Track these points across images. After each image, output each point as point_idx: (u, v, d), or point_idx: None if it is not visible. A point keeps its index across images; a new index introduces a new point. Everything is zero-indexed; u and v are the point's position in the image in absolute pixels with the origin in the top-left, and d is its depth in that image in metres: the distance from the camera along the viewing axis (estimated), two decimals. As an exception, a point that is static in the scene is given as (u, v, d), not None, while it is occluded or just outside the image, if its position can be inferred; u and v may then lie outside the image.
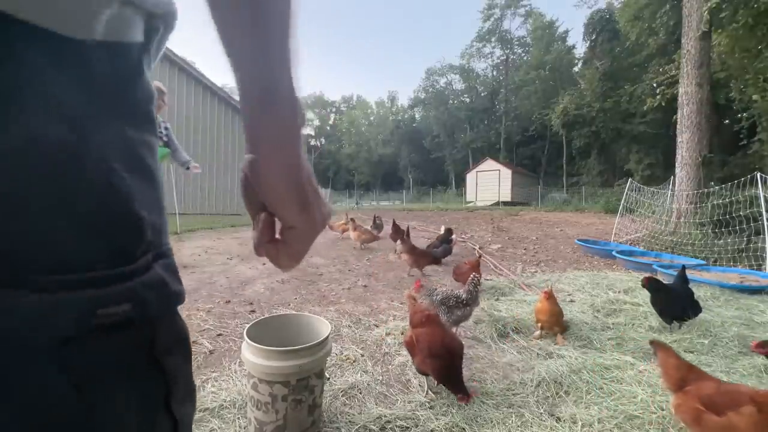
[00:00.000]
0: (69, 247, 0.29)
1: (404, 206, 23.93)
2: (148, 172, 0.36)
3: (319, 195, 0.40)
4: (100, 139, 0.31)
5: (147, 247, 0.35)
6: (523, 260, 5.39)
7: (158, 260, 0.36)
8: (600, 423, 1.50)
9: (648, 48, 18.73)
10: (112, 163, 0.31)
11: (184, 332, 0.40)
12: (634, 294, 3.41)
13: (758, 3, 7.09)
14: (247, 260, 4.96)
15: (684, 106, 7.18)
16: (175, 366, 0.37)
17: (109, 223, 0.31)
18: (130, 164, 0.33)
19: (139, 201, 0.33)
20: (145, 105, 0.37)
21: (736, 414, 1.17)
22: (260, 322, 1.60)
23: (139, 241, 0.34)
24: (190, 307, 2.94)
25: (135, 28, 0.34)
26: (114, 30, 0.31)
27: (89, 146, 0.30)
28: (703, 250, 5.54)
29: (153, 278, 0.35)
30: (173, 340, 0.38)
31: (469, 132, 37.51)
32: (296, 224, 0.38)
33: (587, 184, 22.38)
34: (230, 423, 1.47)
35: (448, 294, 2.35)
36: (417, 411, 1.58)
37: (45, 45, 0.27)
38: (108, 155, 0.31)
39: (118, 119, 0.33)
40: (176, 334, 0.39)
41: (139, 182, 0.34)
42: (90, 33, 0.29)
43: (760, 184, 4.90)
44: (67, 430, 0.30)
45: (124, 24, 0.32)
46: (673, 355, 1.45)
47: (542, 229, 9.60)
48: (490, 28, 36.81)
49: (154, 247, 0.36)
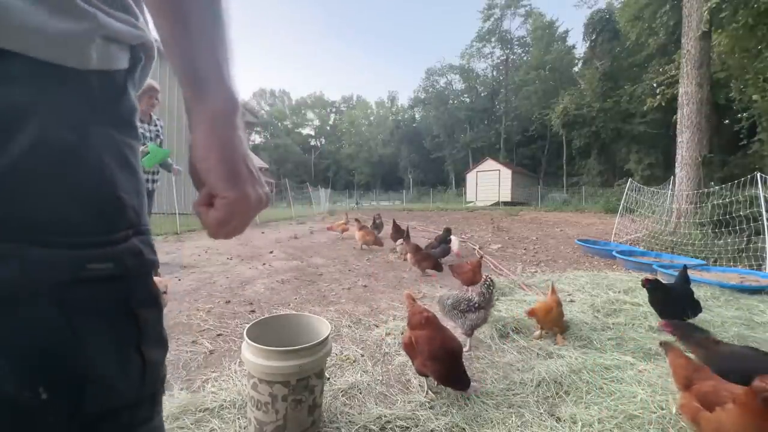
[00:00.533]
0: (69, 217, 0.40)
1: (404, 206, 23.94)
2: (130, 166, 0.47)
3: (255, 176, 0.48)
4: (95, 140, 0.42)
5: (128, 224, 0.45)
6: (523, 260, 5.39)
7: (137, 235, 0.47)
8: (600, 423, 1.49)
9: (648, 48, 18.72)
10: (103, 159, 0.42)
11: (155, 293, 0.50)
12: (634, 294, 3.41)
13: (758, 3, 7.08)
14: (247, 260, 4.96)
15: (684, 106, 7.18)
16: (146, 317, 0.47)
17: (100, 202, 0.42)
18: (117, 160, 0.44)
19: (122, 188, 0.44)
20: (129, 116, 0.48)
21: (722, 410, 1.19)
22: (260, 322, 1.60)
23: (122, 217, 0.44)
24: (190, 307, 2.94)
25: (120, 58, 0.45)
26: (104, 61, 0.42)
27: (87, 145, 0.41)
28: (703, 250, 5.54)
29: (132, 247, 0.45)
30: (145, 297, 0.48)
31: (469, 132, 37.51)
32: (225, 194, 0.45)
33: (587, 184, 22.38)
34: (230, 423, 1.47)
35: (459, 298, 2.28)
36: (417, 411, 1.58)
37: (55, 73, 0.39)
38: (101, 152, 0.42)
39: (108, 126, 0.44)
40: (149, 294, 0.48)
41: (123, 174, 0.45)
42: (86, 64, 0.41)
43: (760, 184, 4.90)
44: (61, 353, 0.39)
45: (111, 56, 0.44)
46: (681, 356, 1.47)
47: (542, 229, 9.61)
48: (490, 28, 36.82)
49: (134, 225, 0.46)
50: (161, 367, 0.52)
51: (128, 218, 0.45)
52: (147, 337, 0.47)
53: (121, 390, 0.44)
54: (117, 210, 0.44)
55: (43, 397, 0.38)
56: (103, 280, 0.42)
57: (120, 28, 0.44)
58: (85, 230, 0.41)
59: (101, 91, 0.43)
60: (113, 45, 0.44)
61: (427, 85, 42.68)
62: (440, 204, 24.84)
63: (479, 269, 3.38)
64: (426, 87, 42.73)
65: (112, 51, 0.44)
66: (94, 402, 0.42)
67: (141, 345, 0.46)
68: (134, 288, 0.46)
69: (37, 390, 0.38)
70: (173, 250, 5.62)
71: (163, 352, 0.52)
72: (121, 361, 0.44)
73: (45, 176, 0.38)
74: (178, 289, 3.45)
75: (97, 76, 0.42)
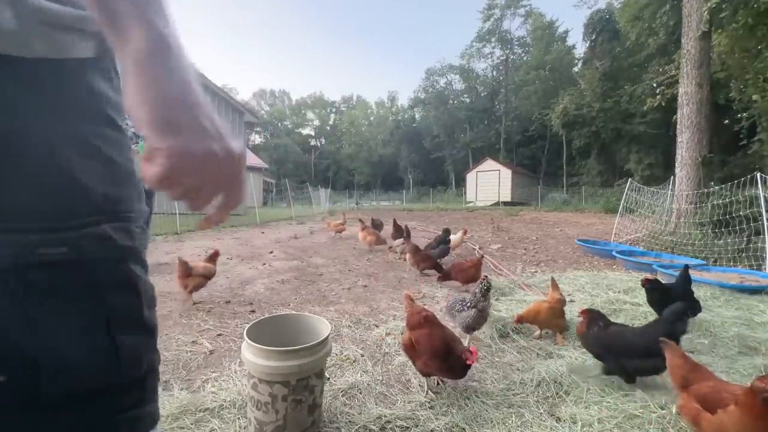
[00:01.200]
0: (16, 203, 0.40)
1: (404, 206, 23.94)
2: (103, 155, 0.47)
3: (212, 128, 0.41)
4: (44, 129, 0.42)
5: (95, 209, 0.46)
6: (523, 260, 5.39)
7: (111, 222, 0.47)
8: (600, 423, 1.49)
9: (648, 48, 18.70)
10: (55, 147, 0.42)
11: (132, 277, 0.50)
12: (634, 294, 3.41)
13: (758, 3, 7.07)
14: (247, 260, 4.96)
15: (684, 106, 7.18)
16: (118, 302, 0.48)
17: (53, 189, 0.42)
18: (79, 148, 0.44)
19: (88, 175, 0.44)
20: (97, 104, 0.47)
21: (724, 412, 1.19)
22: (260, 322, 1.60)
23: (84, 204, 0.45)
24: (190, 308, 2.94)
25: (76, 46, 0.44)
26: (52, 49, 0.42)
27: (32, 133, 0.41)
28: (703, 250, 5.54)
29: (98, 233, 0.46)
30: (117, 281, 0.48)
31: (469, 132, 37.50)
32: (159, 145, 0.38)
33: (587, 184, 22.37)
34: (230, 423, 1.47)
35: (456, 299, 2.34)
36: (417, 411, 1.58)
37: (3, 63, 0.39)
38: (54, 142, 0.42)
39: (66, 115, 0.44)
40: (122, 278, 0.49)
41: (91, 162, 0.45)
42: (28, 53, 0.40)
43: (760, 184, 4.90)
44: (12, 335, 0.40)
45: (61, 44, 0.43)
46: (679, 355, 1.46)
47: (542, 229, 9.61)
48: (490, 28, 36.81)
49: (104, 212, 0.47)
50: (145, 354, 0.52)
51: (95, 204, 0.45)
52: (118, 321, 0.47)
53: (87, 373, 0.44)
54: (77, 197, 0.44)
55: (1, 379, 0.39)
56: (60, 264, 0.42)
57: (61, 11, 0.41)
58: (36, 216, 0.41)
59: (53, 80, 0.43)
60: (64, 33, 0.42)
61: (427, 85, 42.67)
62: (440, 204, 24.84)
63: (479, 268, 3.38)
64: (426, 87, 42.73)
65: (64, 39, 0.42)
66: (54, 383, 0.42)
67: (111, 329, 0.46)
68: (100, 272, 0.46)
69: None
70: (173, 250, 5.62)
71: (144, 338, 0.52)
72: (84, 344, 0.44)
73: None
74: (178, 289, 3.45)
75: (46, 64, 0.42)
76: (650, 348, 1.69)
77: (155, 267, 4.34)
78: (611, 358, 1.81)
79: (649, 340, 1.72)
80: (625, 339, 1.81)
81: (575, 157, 25.11)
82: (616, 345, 1.81)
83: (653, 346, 1.67)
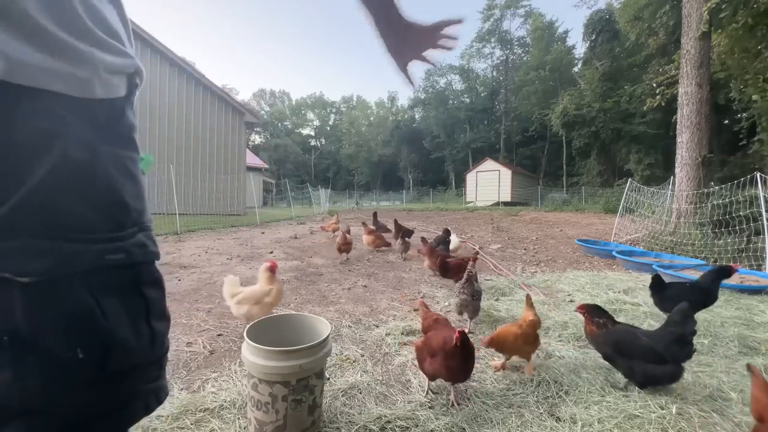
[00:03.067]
0: (88, 219, 0.51)
1: (404, 206, 23.92)
2: (131, 175, 0.58)
3: None
4: (103, 157, 0.53)
5: (133, 222, 0.57)
6: (523, 260, 5.39)
7: (141, 231, 0.59)
8: (600, 423, 1.50)
9: (648, 48, 18.71)
10: (110, 171, 0.54)
11: (159, 277, 0.63)
12: (634, 294, 3.42)
13: (758, 3, 7.08)
14: (247, 260, 4.96)
15: (684, 107, 7.18)
16: (152, 296, 0.60)
17: (110, 206, 0.54)
18: (121, 171, 0.56)
19: (127, 194, 0.56)
20: (128, 133, 0.59)
21: None
22: (260, 323, 1.60)
23: (128, 217, 0.56)
24: (191, 308, 2.94)
25: (119, 86, 0.57)
26: (106, 91, 0.54)
27: (98, 161, 0.52)
28: (703, 250, 5.54)
29: (138, 241, 0.58)
30: (151, 280, 0.60)
31: (469, 132, 37.51)
32: None
33: (587, 184, 22.35)
34: (230, 423, 1.47)
35: None
36: (417, 411, 1.58)
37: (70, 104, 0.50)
38: (108, 166, 0.53)
39: (113, 144, 0.55)
40: (153, 277, 0.61)
41: (127, 182, 0.56)
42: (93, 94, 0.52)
43: (759, 184, 4.90)
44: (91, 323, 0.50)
45: (112, 86, 0.55)
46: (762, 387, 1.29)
47: (542, 229, 9.60)
48: (490, 28, 36.81)
49: (137, 223, 0.58)
50: (165, 338, 0.64)
51: (133, 218, 0.57)
52: (154, 311, 0.59)
53: (135, 353, 0.56)
54: (124, 212, 0.56)
55: (80, 356, 0.49)
56: (118, 267, 0.54)
57: (115, 61, 0.55)
58: (101, 228, 0.52)
59: (106, 116, 0.54)
60: (114, 77, 0.55)
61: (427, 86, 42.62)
62: (440, 204, 24.83)
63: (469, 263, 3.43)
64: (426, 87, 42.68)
65: (113, 82, 0.55)
66: (115, 361, 0.53)
67: (149, 318, 0.58)
68: (142, 273, 0.58)
69: (75, 351, 0.49)
70: (173, 250, 5.62)
71: (166, 324, 0.64)
72: (135, 330, 0.55)
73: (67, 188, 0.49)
74: (178, 290, 3.45)
75: (101, 104, 0.53)
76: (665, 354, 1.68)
77: (155, 267, 4.34)
78: (623, 362, 1.75)
79: (664, 345, 1.69)
80: (640, 343, 1.73)
81: (575, 157, 25.10)
82: (629, 348, 1.74)
83: (669, 351, 1.68)
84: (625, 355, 1.74)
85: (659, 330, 1.81)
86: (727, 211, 5.56)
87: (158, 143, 11.85)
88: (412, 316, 2.82)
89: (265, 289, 2.32)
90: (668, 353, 1.68)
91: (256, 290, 2.33)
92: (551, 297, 3.37)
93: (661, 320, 2.57)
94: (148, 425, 1.43)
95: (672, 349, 1.69)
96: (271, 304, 2.33)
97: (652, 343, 1.71)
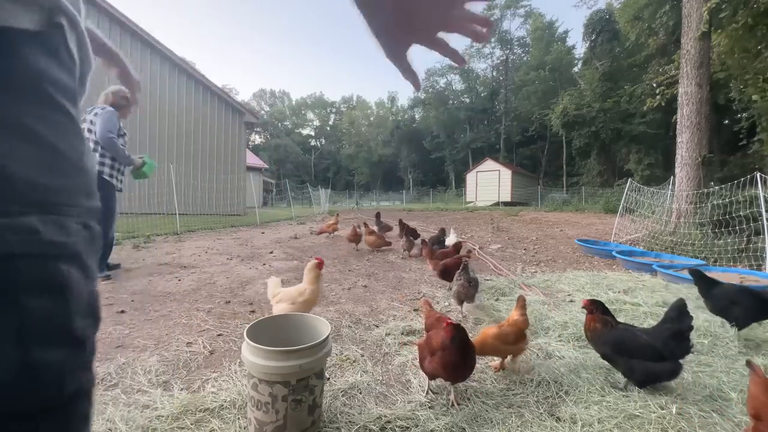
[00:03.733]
0: None
1: (404, 206, 23.93)
2: (38, 139, 0.42)
3: None
4: None
5: (20, 199, 0.40)
6: (523, 260, 5.40)
7: (41, 214, 0.42)
8: (600, 423, 1.50)
9: (648, 48, 18.73)
10: None
11: (59, 280, 0.43)
12: (634, 294, 3.42)
13: (758, 3, 7.08)
14: (247, 260, 4.96)
15: (684, 107, 7.18)
16: (38, 307, 0.40)
17: None
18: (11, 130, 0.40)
19: (16, 161, 0.40)
20: (32, 81, 0.43)
21: None
22: (260, 323, 1.60)
23: (12, 192, 0.40)
24: (190, 308, 2.94)
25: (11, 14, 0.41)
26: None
27: None
28: (703, 250, 5.54)
29: (21, 225, 0.40)
30: (39, 283, 0.41)
31: (469, 132, 37.53)
32: None
33: (587, 184, 22.36)
34: (230, 423, 1.47)
35: None
36: (417, 411, 1.58)
37: None
38: None
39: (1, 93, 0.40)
40: (45, 280, 0.41)
41: (24, 147, 0.41)
42: None
43: (759, 184, 4.90)
44: None
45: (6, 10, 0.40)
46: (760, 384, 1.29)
47: (542, 229, 9.61)
48: (490, 28, 36.82)
49: (30, 202, 0.41)
50: (70, 372, 0.44)
51: (17, 193, 0.40)
52: (37, 331, 0.40)
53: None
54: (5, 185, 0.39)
55: None
56: None
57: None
58: None
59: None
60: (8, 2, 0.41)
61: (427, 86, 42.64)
62: (440, 204, 24.84)
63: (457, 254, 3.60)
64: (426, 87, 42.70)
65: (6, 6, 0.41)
66: None
67: (25, 339, 0.39)
68: (20, 271, 0.39)
69: None
70: (173, 250, 5.62)
71: (71, 352, 0.44)
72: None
73: None
74: (179, 290, 3.46)
75: None
76: (664, 350, 1.68)
77: (155, 267, 4.34)
78: (623, 361, 1.75)
79: (662, 342, 1.70)
80: (639, 341, 1.73)
81: (575, 157, 25.12)
82: (629, 347, 1.74)
83: (666, 348, 1.69)
84: (625, 354, 1.74)
85: (656, 327, 1.82)
86: (727, 211, 5.56)
87: (158, 143, 11.86)
88: (412, 316, 2.82)
89: (300, 288, 2.31)
90: (666, 349, 1.69)
91: (291, 290, 2.32)
92: (551, 297, 3.37)
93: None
94: (148, 425, 1.43)
95: (670, 345, 1.69)
96: (308, 302, 2.28)
97: (651, 341, 1.72)
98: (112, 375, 1.83)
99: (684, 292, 3.43)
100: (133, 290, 3.38)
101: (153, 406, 1.56)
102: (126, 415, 1.49)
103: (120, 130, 3.68)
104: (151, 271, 4.18)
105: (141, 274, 4.02)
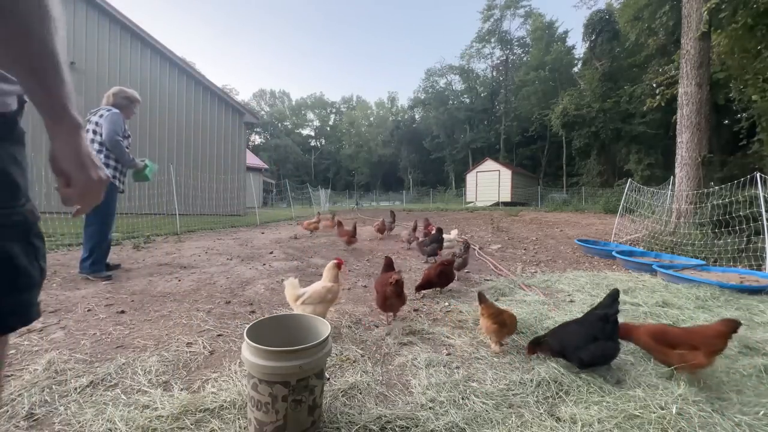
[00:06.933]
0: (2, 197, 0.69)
1: (404, 206, 23.92)
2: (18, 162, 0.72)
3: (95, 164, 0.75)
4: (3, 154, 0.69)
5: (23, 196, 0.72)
6: (523, 260, 5.39)
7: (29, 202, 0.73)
8: (600, 423, 1.49)
9: (648, 48, 18.73)
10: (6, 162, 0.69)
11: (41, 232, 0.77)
12: (634, 294, 3.42)
13: (758, 3, 7.08)
14: (247, 261, 4.96)
15: (684, 107, 7.18)
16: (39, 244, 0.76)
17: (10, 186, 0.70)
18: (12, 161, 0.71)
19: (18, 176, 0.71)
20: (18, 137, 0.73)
21: None
22: (260, 323, 1.60)
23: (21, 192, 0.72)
24: (191, 308, 2.94)
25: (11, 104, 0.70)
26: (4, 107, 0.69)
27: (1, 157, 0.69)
28: (703, 250, 5.54)
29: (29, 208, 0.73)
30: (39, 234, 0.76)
31: (469, 132, 37.53)
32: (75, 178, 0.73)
33: (587, 184, 22.37)
34: (230, 423, 1.47)
35: None
36: (417, 411, 1.58)
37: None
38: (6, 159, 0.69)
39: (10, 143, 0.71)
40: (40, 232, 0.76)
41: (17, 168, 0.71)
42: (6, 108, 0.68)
43: (759, 184, 4.90)
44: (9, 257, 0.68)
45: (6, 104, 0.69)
46: None
47: (542, 229, 9.60)
48: (490, 28, 36.87)
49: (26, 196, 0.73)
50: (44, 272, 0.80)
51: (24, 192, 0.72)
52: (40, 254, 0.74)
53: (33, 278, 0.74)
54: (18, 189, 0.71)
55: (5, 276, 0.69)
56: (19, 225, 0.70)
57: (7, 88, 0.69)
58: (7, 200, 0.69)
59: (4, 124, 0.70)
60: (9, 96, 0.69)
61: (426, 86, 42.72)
62: (440, 204, 24.84)
63: None
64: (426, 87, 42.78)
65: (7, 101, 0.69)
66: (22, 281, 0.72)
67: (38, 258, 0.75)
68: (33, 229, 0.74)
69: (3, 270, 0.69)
70: (173, 250, 5.62)
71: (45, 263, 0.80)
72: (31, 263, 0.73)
73: None
74: (179, 290, 3.46)
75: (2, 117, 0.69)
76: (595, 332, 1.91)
77: (155, 267, 4.34)
78: (570, 353, 1.92)
79: (591, 323, 1.95)
80: (569, 328, 1.99)
81: (575, 157, 25.13)
82: (567, 338, 1.94)
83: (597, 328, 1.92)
84: (569, 344, 1.92)
85: (587, 314, 2.04)
86: (727, 211, 5.56)
87: (158, 143, 11.86)
88: (412, 317, 2.82)
89: (328, 286, 2.37)
90: (597, 330, 1.91)
91: (319, 289, 2.35)
92: (551, 297, 3.37)
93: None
94: (148, 425, 1.43)
95: (598, 325, 1.92)
96: (332, 301, 2.39)
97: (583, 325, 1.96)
98: (112, 375, 1.83)
99: (684, 292, 3.43)
100: (133, 290, 3.38)
101: (153, 406, 1.56)
102: (126, 415, 1.49)
103: (125, 131, 3.69)
104: (151, 271, 4.18)
105: (141, 274, 4.02)
